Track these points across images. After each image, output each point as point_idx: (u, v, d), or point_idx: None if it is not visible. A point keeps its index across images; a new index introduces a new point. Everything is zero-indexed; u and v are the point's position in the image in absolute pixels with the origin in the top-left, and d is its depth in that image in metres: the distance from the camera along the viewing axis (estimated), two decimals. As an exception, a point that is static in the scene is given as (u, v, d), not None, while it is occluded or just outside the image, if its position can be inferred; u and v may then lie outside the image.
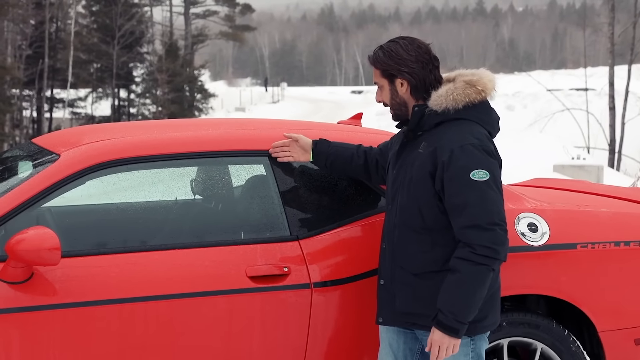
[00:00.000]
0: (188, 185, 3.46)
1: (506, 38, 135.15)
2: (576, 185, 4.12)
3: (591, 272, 3.25)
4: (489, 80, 2.74)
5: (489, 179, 2.60)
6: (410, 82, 2.71)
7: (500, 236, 2.59)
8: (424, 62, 2.72)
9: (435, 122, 2.70)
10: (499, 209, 2.61)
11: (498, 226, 2.59)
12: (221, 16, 42.23)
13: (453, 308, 2.58)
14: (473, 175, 2.59)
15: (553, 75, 42.20)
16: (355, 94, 62.83)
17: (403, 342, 2.84)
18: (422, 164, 2.68)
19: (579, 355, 3.23)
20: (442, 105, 2.68)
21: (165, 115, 32.28)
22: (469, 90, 2.69)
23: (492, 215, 2.59)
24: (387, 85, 2.75)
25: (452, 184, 2.61)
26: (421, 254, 2.69)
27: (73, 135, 3.24)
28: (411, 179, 2.71)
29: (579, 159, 14.54)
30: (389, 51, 2.73)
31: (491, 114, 2.76)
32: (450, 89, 2.70)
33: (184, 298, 2.86)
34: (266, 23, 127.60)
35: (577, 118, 20.23)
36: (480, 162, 2.61)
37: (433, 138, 2.69)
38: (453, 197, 2.61)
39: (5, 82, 25.22)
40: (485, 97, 2.73)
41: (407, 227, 2.72)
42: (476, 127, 2.68)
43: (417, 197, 2.68)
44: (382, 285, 2.80)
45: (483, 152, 2.62)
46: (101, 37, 32.35)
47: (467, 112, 2.69)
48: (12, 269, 2.68)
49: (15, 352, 2.70)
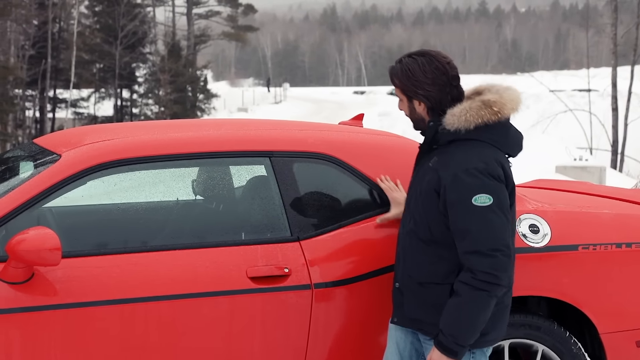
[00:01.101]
0: (189, 186, 3.46)
1: (509, 39, 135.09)
2: (578, 186, 4.12)
3: (593, 273, 3.25)
4: (509, 100, 2.67)
5: (492, 203, 2.56)
6: (426, 105, 2.71)
7: (501, 262, 2.56)
8: (441, 85, 2.68)
9: (448, 140, 2.67)
10: (502, 235, 2.57)
11: (500, 252, 2.56)
12: (224, 16, 42.27)
13: (453, 331, 2.57)
14: (475, 200, 2.56)
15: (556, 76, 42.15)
16: (358, 94, 62.86)
17: (410, 342, 2.85)
18: (430, 180, 2.67)
19: (580, 357, 3.22)
20: (454, 125, 2.64)
21: (168, 115, 32.31)
22: (483, 112, 2.64)
23: (493, 241, 2.55)
24: (406, 101, 2.75)
25: (455, 208, 2.59)
26: (427, 264, 2.69)
27: (74, 136, 3.24)
28: (421, 192, 2.71)
29: (581, 160, 14.53)
30: (406, 71, 2.69)
31: (507, 136, 2.70)
32: (465, 108, 2.65)
33: (184, 299, 2.86)
34: (269, 23, 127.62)
35: (579, 119, 20.22)
36: (483, 187, 2.56)
37: (444, 156, 2.67)
38: (456, 222, 2.59)
39: (8, 82, 25.26)
40: (501, 118, 2.66)
41: (418, 237, 2.72)
42: (488, 149, 2.64)
43: (425, 211, 2.69)
44: (396, 288, 2.82)
45: (488, 177, 2.58)
46: (104, 37, 32.39)
47: (479, 133, 2.65)
48: (13, 269, 2.68)
49: (16, 353, 2.70)
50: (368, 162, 3.20)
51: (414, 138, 3.47)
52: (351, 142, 3.27)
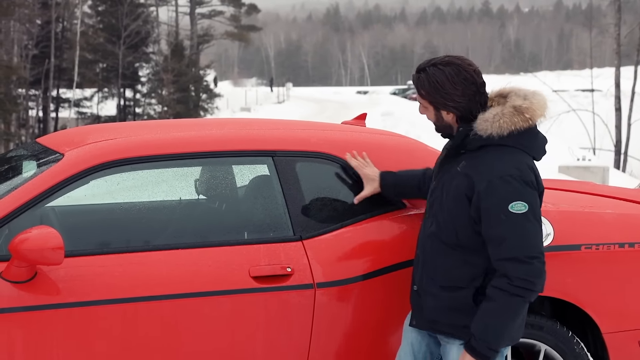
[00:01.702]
0: (192, 185, 3.46)
1: (512, 39, 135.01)
2: (581, 186, 4.11)
3: (595, 273, 3.24)
4: (539, 106, 2.66)
5: (527, 211, 2.55)
6: (456, 115, 2.68)
7: (537, 269, 2.56)
8: (470, 95, 2.65)
9: (479, 145, 2.65)
10: (538, 242, 2.58)
11: (536, 259, 2.56)
12: (227, 16, 42.31)
13: (486, 336, 2.57)
14: (512, 208, 2.55)
15: (559, 76, 42.11)
16: (361, 94, 62.87)
17: (426, 345, 2.84)
18: (459, 184, 2.65)
19: (583, 357, 3.22)
20: (487, 131, 2.62)
21: (171, 115, 32.34)
22: (516, 119, 2.63)
23: (530, 248, 2.56)
24: (433, 110, 2.71)
25: (490, 215, 2.58)
26: (451, 269, 2.68)
27: (77, 135, 3.24)
28: (448, 196, 2.69)
29: (584, 160, 14.52)
30: (435, 82, 2.64)
31: (537, 139, 2.70)
32: (498, 114, 2.63)
33: (187, 298, 2.86)
34: (272, 23, 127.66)
35: (582, 119, 20.20)
36: (519, 194, 2.56)
37: (474, 161, 2.65)
38: (491, 228, 2.58)
39: (12, 82, 25.29)
40: (531, 124, 2.66)
41: (440, 241, 2.71)
42: (518, 155, 2.63)
43: (452, 215, 2.67)
44: (414, 291, 2.81)
45: (522, 183, 2.57)
46: (107, 37, 32.43)
47: (512, 139, 2.64)
48: (16, 268, 2.68)
49: (18, 352, 2.70)
50: (371, 162, 3.19)
51: (416, 138, 3.47)
52: (354, 141, 3.27)
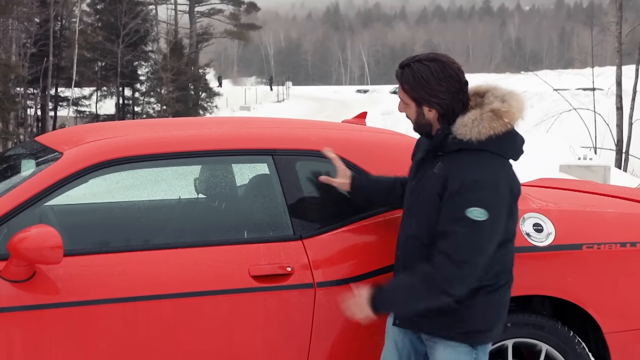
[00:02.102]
0: (191, 184, 3.45)
1: (513, 37, 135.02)
2: (582, 185, 4.10)
3: (597, 273, 3.23)
4: (518, 109, 2.66)
5: (484, 220, 2.53)
6: (438, 111, 2.67)
7: (464, 276, 2.55)
8: (454, 92, 2.63)
9: (456, 149, 2.64)
10: (477, 252, 2.55)
11: (467, 265, 2.54)
12: (226, 15, 42.30)
13: (386, 296, 2.65)
14: (469, 213, 2.54)
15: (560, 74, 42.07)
16: (361, 93, 62.88)
17: (409, 342, 2.84)
18: (434, 185, 2.65)
19: (584, 356, 3.21)
20: (466, 136, 2.61)
21: (170, 114, 32.32)
22: (495, 124, 2.62)
23: (469, 255, 2.54)
24: (414, 107, 2.69)
25: (449, 211, 2.58)
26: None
27: (76, 134, 3.23)
28: (424, 197, 2.69)
29: (585, 159, 14.51)
30: (419, 78, 2.62)
31: (515, 141, 2.69)
32: (477, 119, 2.62)
33: (187, 297, 2.85)
34: (271, 22, 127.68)
35: (584, 118, 20.18)
36: (482, 202, 2.54)
37: (451, 163, 2.64)
38: (445, 224, 2.58)
39: (10, 81, 25.27)
40: (510, 128, 2.66)
41: (419, 241, 2.70)
42: (495, 161, 2.62)
43: (427, 216, 2.67)
44: None
45: (492, 192, 2.55)
46: (106, 35, 32.40)
47: (490, 144, 2.62)
48: (15, 267, 2.67)
49: (17, 351, 2.70)
50: (371, 161, 3.18)
51: (416, 136, 3.45)
52: (354, 140, 3.26)
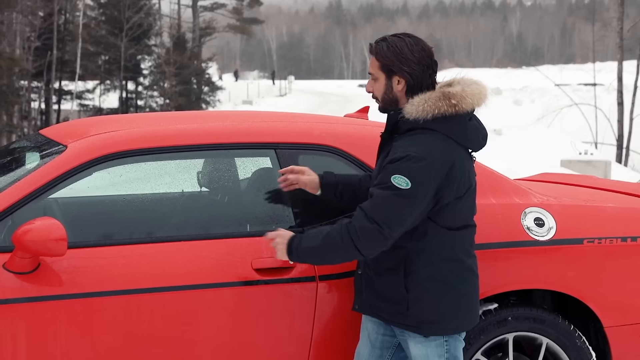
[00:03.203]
0: (194, 178, 3.46)
1: (514, 32, 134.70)
2: (583, 180, 4.11)
3: (597, 267, 3.24)
4: (471, 94, 2.67)
5: (408, 189, 2.58)
6: (408, 82, 2.70)
7: (371, 233, 2.60)
8: (425, 65, 2.70)
9: (407, 129, 2.70)
10: (391, 217, 2.60)
11: (377, 226, 2.59)
12: (229, 9, 42.23)
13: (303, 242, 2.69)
14: (394, 179, 2.59)
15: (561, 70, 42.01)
16: (363, 87, 62.73)
17: (382, 334, 2.87)
18: (380, 164, 2.72)
19: (584, 350, 3.22)
20: (412, 114, 2.67)
21: (173, 107, 32.32)
22: (441, 103, 2.65)
23: (382, 216, 2.59)
24: (384, 79, 2.74)
25: (379, 178, 2.65)
26: (381, 252, 2.69)
27: (80, 127, 3.24)
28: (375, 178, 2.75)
29: (586, 154, 14.51)
30: (393, 47, 2.70)
31: (465, 130, 2.70)
32: (424, 98, 2.67)
33: (190, 290, 2.86)
34: (274, 16, 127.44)
35: (585, 113, 20.17)
36: (408, 171, 2.59)
37: (398, 142, 2.70)
38: (373, 187, 2.66)
39: (14, 74, 25.27)
40: (459, 111, 2.66)
41: None
42: (441, 141, 2.65)
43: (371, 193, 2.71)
44: (359, 275, 2.86)
45: (421, 164, 2.59)
46: (109, 29, 32.38)
47: (437, 124, 2.66)
48: (19, 259, 2.69)
49: (22, 342, 2.71)
50: (373, 155, 3.19)
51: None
52: (357, 134, 3.27)
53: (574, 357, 3.20)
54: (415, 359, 2.75)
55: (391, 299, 2.71)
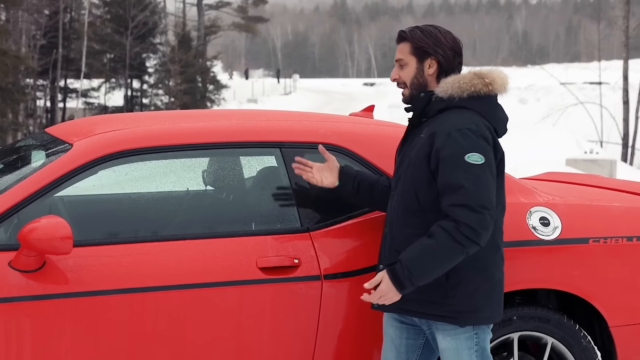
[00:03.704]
0: (200, 176, 3.46)
1: (520, 31, 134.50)
2: (589, 179, 4.10)
3: (603, 267, 3.24)
4: (499, 76, 2.75)
5: (483, 163, 2.61)
6: (440, 66, 2.74)
7: (486, 221, 2.59)
8: (456, 52, 2.77)
9: (439, 109, 2.72)
10: (491, 195, 2.61)
11: (487, 211, 2.59)
12: (234, 7, 42.23)
13: (414, 268, 2.59)
14: (468, 158, 2.60)
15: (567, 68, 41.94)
16: (368, 86, 62.79)
17: (405, 338, 2.85)
18: (421, 147, 2.70)
19: (589, 350, 3.22)
20: (447, 92, 2.71)
21: (178, 106, 32.34)
22: (476, 81, 2.72)
23: (484, 198, 2.58)
24: (415, 63, 2.76)
25: (448, 163, 2.62)
26: (414, 236, 2.67)
27: (86, 125, 3.25)
28: (409, 162, 2.73)
29: (591, 153, 14.48)
30: (427, 32, 2.76)
31: (497, 110, 2.76)
32: (458, 77, 2.73)
33: (194, 288, 2.87)
34: (279, 14, 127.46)
35: (590, 112, 20.12)
36: (476, 146, 2.61)
37: (434, 123, 2.71)
38: (447, 176, 2.61)
39: (20, 72, 25.31)
40: (492, 90, 2.73)
41: (405, 210, 2.73)
42: (478, 117, 2.70)
43: (414, 179, 2.71)
44: (381, 269, 2.78)
45: (480, 137, 2.64)
46: (114, 27, 32.41)
47: (472, 102, 2.71)
48: (25, 257, 2.69)
49: (27, 340, 2.72)
50: (379, 154, 3.20)
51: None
52: (362, 133, 3.27)
53: (579, 356, 3.20)
54: (445, 352, 2.72)
55: (425, 288, 2.65)
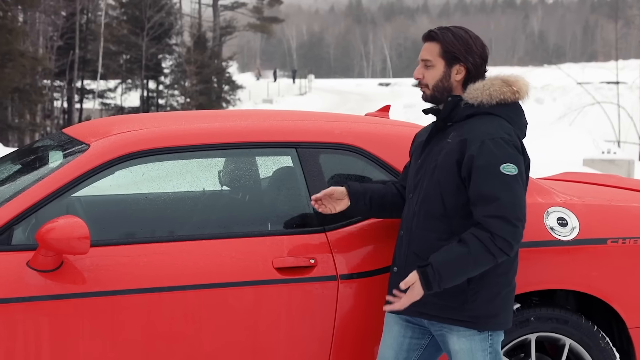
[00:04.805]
0: (216, 176, 3.47)
1: (536, 30, 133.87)
2: (606, 179, 4.07)
3: (621, 267, 3.21)
4: (524, 84, 2.77)
5: (517, 173, 2.62)
6: (469, 72, 2.73)
7: (520, 233, 2.60)
8: (484, 60, 2.76)
9: (467, 114, 2.71)
10: (524, 206, 2.62)
11: (522, 223, 2.60)
12: (249, 8, 42.35)
13: (444, 272, 2.58)
14: (503, 169, 2.60)
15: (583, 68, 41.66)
16: (383, 86, 62.72)
17: (410, 337, 2.83)
18: (450, 152, 2.68)
19: (608, 351, 3.19)
20: (477, 98, 2.69)
21: (194, 106, 32.47)
22: (505, 89, 2.71)
23: (519, 211, 2.59)
24: (443, 66, 2.73)
25: (482, 173, 2.61)
26: (437, 241, 2.67)
27: (103, 126, 3.26)
28: (436, 166, 2.71)
29: (609, 152, 14.39)
30: (459, 36, 2.72)
31: (522, 117, 2.77)
32: (487, 84, 2.71)
33: (211, 288, 2.87)
34: (294, 15, 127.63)
35: (607, 112, 19.99)
36: (510, 156, 2.62)
37: (463, 129, 2.69)
38: (482, 186, 2.60)
39: (37, 73, 25.52)
40: (518, 98, 2.74)
41: (428, 214, 2.71)
42: (507, 124, 2.70)
43: (440, 183, 2.69)
44: (394, 272, 2.79)
45: (513, 147, 2.64)
46: (131, 28, 32.59)
47: (499, 109, 2.71)
48: (43, 257, 2.71)
49: (45, 339, 2.73)
50: (394, 154, 3.19)
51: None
52: (378, 133, 3.26)
53: (597, 358, 3.18)
54: (458, 353, 2.71)
55: (446, 293, 2.64)
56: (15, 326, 2.70)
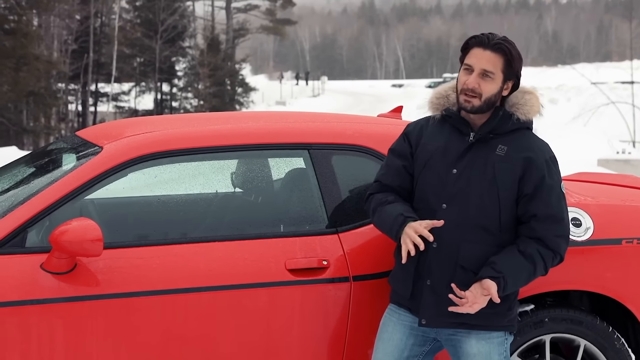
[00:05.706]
0: (228, 178, 3.47)
1: (550, 30, 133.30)
2: (621, 179, 4.04)
3: (636, 268, 3.19)
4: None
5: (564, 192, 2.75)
6: (514, 88, 2.73)
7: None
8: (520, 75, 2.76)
9: (512, 129, 2.70)
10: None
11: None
12: (262, 10, 42.45)
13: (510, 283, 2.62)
14: (562, 188, 2.72)
15: (598, 68, 41.47)
16: (396, 87, 62.68)
17: (412, 344, 2.80)
18: (512, 167, 2.65)
19: (623, 352, 3.17)
20: (529, 115, 2.73)
21: (207, 108, 32.57)
22: (541, 105, 2.77)
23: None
24: (501, 81, 2.67)
25: (551, 193, 2.67)
26: (486, 253, 2.65)
27: (116, 128, 3.27)
28: (493, 181, 2.65)
29: (624, 153, 14.31)
30: (517, 52, 2.70)
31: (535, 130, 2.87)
32: (534, 100, 2.74)
33: (224, 290, 2.87)
34: (307, 17, 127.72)
35: (622, 111, 19.88)
36: (559, 175, 2.74)
37: (514, 143, 2.68)
38: (552, 206, 2.66)
39: (52, 77, 25.68)
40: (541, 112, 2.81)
41: (479, 227, 2.65)
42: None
43: (500, 199, 2.65)
44: (428, 285, 2.70)
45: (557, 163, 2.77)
46: (144, 31, 32.75)
47: (531, 124, 2.77)
48: (56, 259, 2.72)
49: (59, 341, 2.75)
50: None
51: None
52: (390, 134, 3.25)
53: (612, 359, 3.15)
54: (476, 357, 2.69)
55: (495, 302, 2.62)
56: (29, 328, 2.71)
